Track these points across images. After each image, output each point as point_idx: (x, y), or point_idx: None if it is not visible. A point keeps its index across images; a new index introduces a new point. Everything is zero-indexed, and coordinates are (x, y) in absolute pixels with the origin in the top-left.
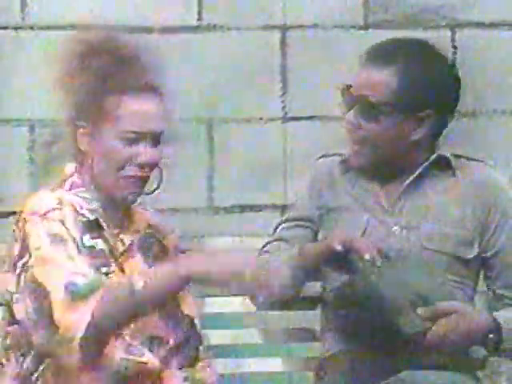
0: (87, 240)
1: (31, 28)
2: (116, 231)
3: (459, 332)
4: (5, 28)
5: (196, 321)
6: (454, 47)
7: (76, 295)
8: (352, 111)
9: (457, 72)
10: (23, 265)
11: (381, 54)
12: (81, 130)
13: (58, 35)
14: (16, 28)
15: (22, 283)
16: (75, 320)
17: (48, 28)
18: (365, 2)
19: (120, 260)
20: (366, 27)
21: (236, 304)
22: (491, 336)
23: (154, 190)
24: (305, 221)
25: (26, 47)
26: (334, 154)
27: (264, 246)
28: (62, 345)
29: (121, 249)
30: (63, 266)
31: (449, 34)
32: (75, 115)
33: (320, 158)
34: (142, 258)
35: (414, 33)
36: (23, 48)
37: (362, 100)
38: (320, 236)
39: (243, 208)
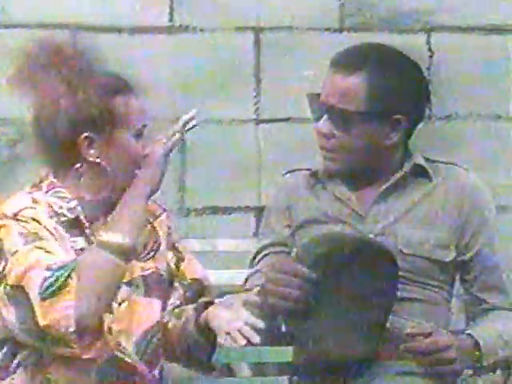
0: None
1: (5, 26)
2: (102, 226)
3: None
4: None
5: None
6: (430, 50)
7: (48, 293)
8: (322, 120)
9: (424, 74)
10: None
11: (348, 61)
12: (86, 143)
13: (31, 33)
14: None
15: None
16: (59, 318)
17: (21, 26)
18: (340, 5)
19: None
20: (341, 30)
21: None
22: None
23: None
24: (279, 245)
25: None
26: (299, 170)
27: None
28: (57, 344)
29: None
30: (38, 265)
31: (424, 37)
32: (78, 129)
33: (285, 174)
34: None
35: (389, 36)
36: None
37: (332, 109)
38: (293, 254)
39: (215, 210)
